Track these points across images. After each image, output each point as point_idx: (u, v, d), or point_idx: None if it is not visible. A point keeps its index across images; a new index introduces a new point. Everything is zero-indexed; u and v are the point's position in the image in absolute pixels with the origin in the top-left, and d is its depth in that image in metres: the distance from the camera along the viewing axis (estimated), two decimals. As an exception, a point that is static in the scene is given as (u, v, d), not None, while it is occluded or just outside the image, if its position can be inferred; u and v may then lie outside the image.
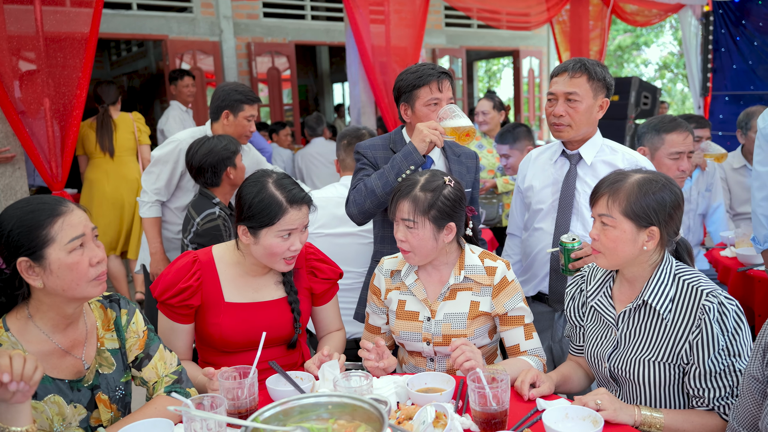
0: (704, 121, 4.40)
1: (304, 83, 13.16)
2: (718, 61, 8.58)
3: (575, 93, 2.34)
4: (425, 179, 2.02)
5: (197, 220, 2.90)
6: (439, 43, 9.46)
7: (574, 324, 1.98)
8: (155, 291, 1.98)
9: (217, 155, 2.95)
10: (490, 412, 1.58)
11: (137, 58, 10.83)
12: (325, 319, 2.25)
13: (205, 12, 7.50)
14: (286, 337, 2.08)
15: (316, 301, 2.21)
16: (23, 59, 3.51)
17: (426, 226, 1.97)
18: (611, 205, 1.72)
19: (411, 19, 5.62)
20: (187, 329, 2.04)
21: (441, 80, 2.42)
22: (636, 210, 1.68)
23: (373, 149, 2.52)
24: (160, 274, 2.02)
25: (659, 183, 1.70)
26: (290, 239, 1.96)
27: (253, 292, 2.06)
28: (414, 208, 1.97)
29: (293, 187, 1.98)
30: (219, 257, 2.07)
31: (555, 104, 2.40)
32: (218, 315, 2.01)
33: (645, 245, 1.69)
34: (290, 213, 1.93)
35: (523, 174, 2.66)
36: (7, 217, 1.52)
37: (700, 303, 1.64)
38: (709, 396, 1.64)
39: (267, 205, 1.92)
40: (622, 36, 17.84)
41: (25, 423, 1.38)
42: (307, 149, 6.18)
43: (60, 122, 3.60)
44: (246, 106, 3.27)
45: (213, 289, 2.02)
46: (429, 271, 2.10)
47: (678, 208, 1.70)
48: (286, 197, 1.94)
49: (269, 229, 1.93)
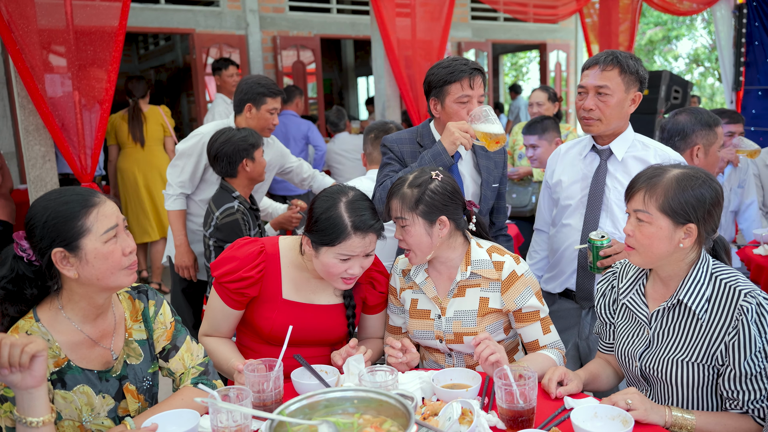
0: (737, 116, 4.29)
1: (328, 77, 13.17)
2: (751, 55, 8.37)
3: (606, 86, 2.29)
4: (413, 176, 1.99)
5: (216, 214, 2.91)
6: (465, 36, 9.39)
7: (604, 321, 1.95)
8: (215, 270, 1.97)
9: (234, 145, 2.95)
10: (517, 410, 1.56)
11: (164, 52, 10.95)
12: (370, 327, 2.22)
13: (231, 6, 7.54)
14: (334, 340, 2.08)
15: (368, 310, 2.18)
16: (53, 53, 3.55)
17: (417, 221, 1.94)
18: (648, 201, 1.67)
19: (437, 12, 5.58)
20: (236, 314, 2.02)
21: (473, 77, 2.38)
22: (674, 206, 1.64)
23: (400, 143, 2.50)
24: (224, 256, 1.99)
25: (699, 179, 1.65)
26: (349, 263, 1.91)
27: (311, 294, 2.05)
28: (402, 206, 1.95)
29: (364, 212, 1.90)
30: (285, 253, 2.05)
31: (585, 98, 2.35)
32: (274, 310, 2.01)
33: (681, 242, 1.65)
34: (353, 239, 1.87)
35: (552, 169, 2.62)
36: (40, 208, 1.53)
37: (738, 303, 1.59)
38: (743, 399, 1.59)
39: (332, 225, 1.87)
40: (652, 30, 17.54)
41: (42, 413, 1.37)
42: (331, 146, 6.11)
43: (89, 115, 3.65)
44: (269, 99, 3.28)
45: (273, 284, 2.01)
46: (437, 268, 2.07)
47: (717, 205, 1.65)
48: (353, 222, 1.87)
49: (329, 248, 1.89)
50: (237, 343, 2.15)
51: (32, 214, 1.53)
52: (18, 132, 6.44)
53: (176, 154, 3.34)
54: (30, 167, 3.53)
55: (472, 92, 2.38)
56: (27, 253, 1.54)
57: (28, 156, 3.49)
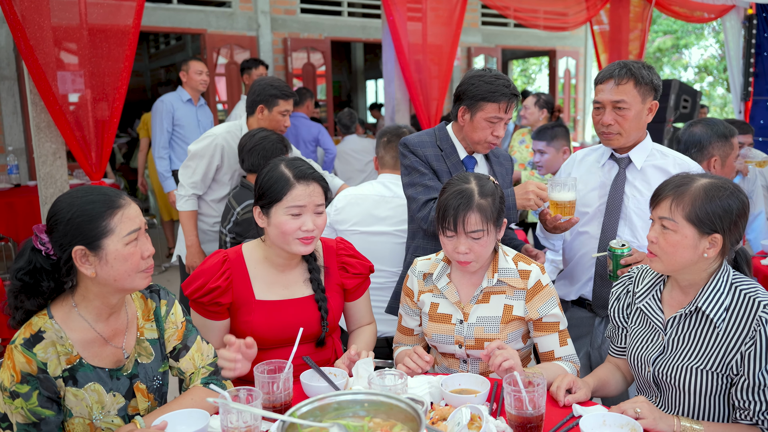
0: (747, 127, 4.29)
1: (337, 79, 13.21)
2: (760, 66, 8.35)
3: (623, 101, 2.26)
4: (478, 185, 1.98)
5: (237, 210, 2.96)
6: (475, 41, 9.40)
7: (616, 324, 1.95)
8: (187, 289, 2.00)
9: (272, 143, 3.05)
10: (526, 416, 1.56)
11: (175, 52, 11.00)
12: (356, 314, 2.25)
13: (243, 7, 7.57)
14: (315, 334, 2.09)
15: (349, 296, 2.20)
16: (67, 51, 3.57)
17: (491, 231, 1.95)
18: (674, 209, 1.67)
19: (448, 17, 5.59)
20: (220, 326, 2.04)
21: (510, 102, 2.39)
22: (701, 215, 1.63)
23: (422, 146, 2.50)
24: (192, 274, 2.03)
25: (727, 190, 1.65)
26: (301, 218, 1.95)
27: (283, 289, 2.07)
28: (483, 218, 1.93)
29: (302, 164, 2.00)
30: (249, 255, 2.08)
31: (602, 113, 2.32)
32: (249, 313, 2.02)
33: (706, 252, 1.65)
34: (297, 188, 1.95)
35: (566, 173, 2.60)
36: (65, 205, 1.54)
37: (757, 314, 1.59)
38: (754, 409, 1.59)
39: (275, 181, 1.96)
40: (661, 38, 17.51)
41: None
42: (341, 147, 6.16)
43: (101, 113, 3.66)
44: (281, 101, 3.30)
45: (243, 288, 2.03)
46: (462, 273, 2.07)
47: (743, 216, 1.65)
48: (294, 173, 1.96)
49: (278, 206, 1.95)
50: None
51: (56, 210, 1.54)
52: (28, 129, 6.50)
53: (189, 155, 3.36)
54: (40, 164, 3.55)
55: (504, 116, 2.39)
56: (46, 246, 1.55)
57: (38, 153, 3.51)
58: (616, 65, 2.31)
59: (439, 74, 5.64)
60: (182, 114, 5.21)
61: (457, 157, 2.51)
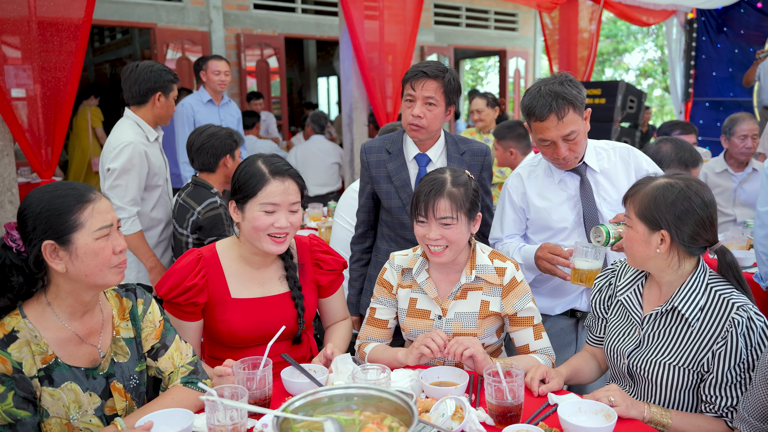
0: (690, 127, 4.49)
1: (289, 76, 13.09)
2: (699, 68, 8.74)
3: (572, 132, 2.21)
4: (451, 176, 2.01)
5: (198, 209, 2.87)
6: (428, 40, 9.48)
7: (596, 315, 2.02)
8: (161, 290, 1.97)
9: (220, 140, 2.99)
10: (506, 406, 1.61)
11: (121, 46, 10.67)
12: (331, 310, 2.26)
13: (194, 1, 7.42)
14: (291, 332, 2.08)
15: (323, 293, 2.21)
16: (14, 44, 3.44)
17: (462, 220, 1.98)
18: (630, 206, 1.78)
19: (404, 15, 5.64)
20: (194, 327, 2.02)
21: (416, 79, 2.41)
22: (646, 212, 1.72)
23: (369, 152, 2.59)
24: (165, 273, 2.00)
25: (677, 188, 1.70)
26: (275, 215, 1.95)
27: (259, 287, 2.06)
28: (453, 206, 1.95)
29: (279, 161, 2.00)
30: (223, 253, 2.06)
31: (554, 147, 2.24)
32: (226, 312, 2.00)
33: (658, 248, 1.72)
34: (272, 184, 1.94)
35: (519, 192, 2.47)
36: (35, 199, 1.51)
37: (730, 315, 1.67)
38: (720, 404, 1.68)
39: (251, 176, 1.95)
40: (602, 42, 18.09)
41: None
42: (308, 145, 6.20)
43: (52, 108, 3.54)
44: (175, 86, 3.13)
45: (219, 286, 2.01)
46: (441, 269, 2.10)
47: (690, 214, 1.68)
48: (270, 169, 1.96)
49: (253, 201, 1.94)
50: (207, 356, 2.15)
51: (26, 205, 1.51)
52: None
53: (114, 175, 2.95)
54: (-12, 162, 3.40)
55: (414, 93, 2.42)
56: (17, 243, 1.51)
57: (-14, 150, 3.36)
58: (546, 96, 2.18)
59: (396, 72, 5.68)
60: (204, 116, 4.91)
61: (402, 159, 2.53)
